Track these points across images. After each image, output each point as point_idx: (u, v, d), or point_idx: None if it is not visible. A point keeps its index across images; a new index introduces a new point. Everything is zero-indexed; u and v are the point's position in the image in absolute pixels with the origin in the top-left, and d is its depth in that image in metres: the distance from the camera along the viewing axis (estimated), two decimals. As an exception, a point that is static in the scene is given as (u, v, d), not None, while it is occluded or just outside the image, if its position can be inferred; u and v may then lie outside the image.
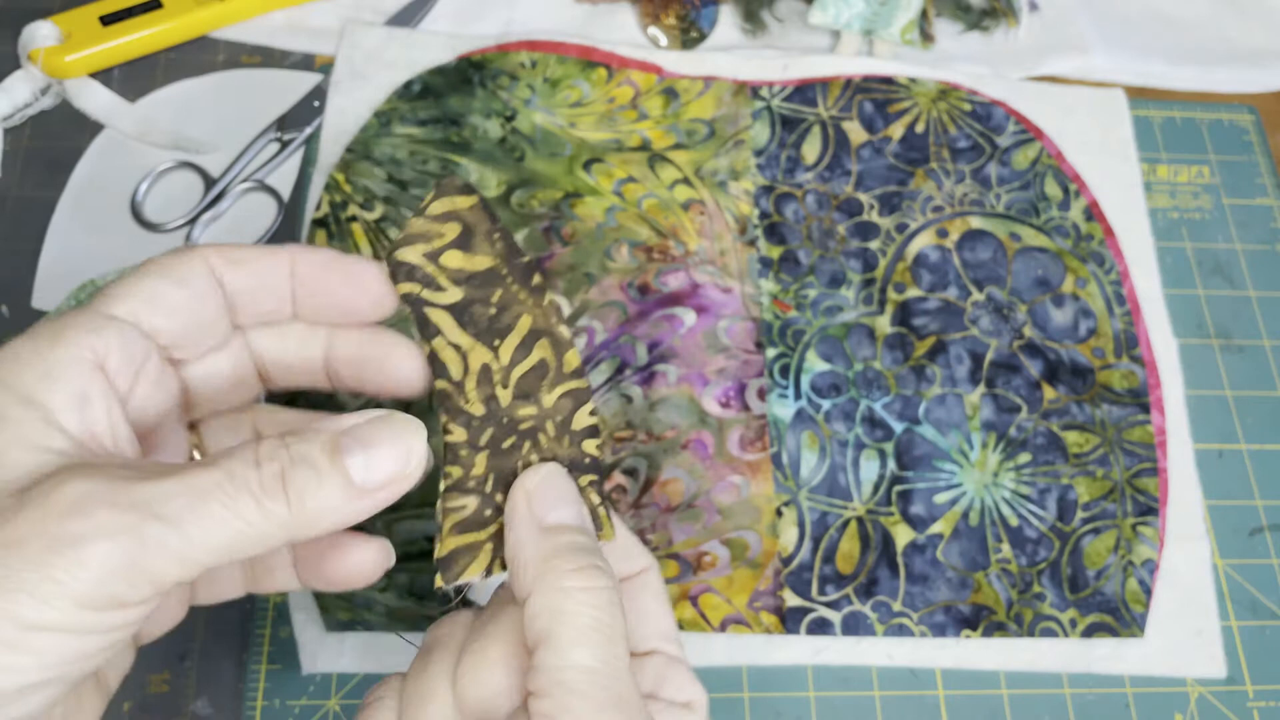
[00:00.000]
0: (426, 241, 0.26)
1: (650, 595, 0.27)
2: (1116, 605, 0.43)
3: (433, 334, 0.26)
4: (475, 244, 0.26)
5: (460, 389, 0.26)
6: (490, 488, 0.26)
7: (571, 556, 0.24)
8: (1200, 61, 0.56)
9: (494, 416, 0.26)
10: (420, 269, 0.26)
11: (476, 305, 0.26)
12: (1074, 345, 0.47)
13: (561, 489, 0.26)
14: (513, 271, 0.27)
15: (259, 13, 0.52)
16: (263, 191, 0.48)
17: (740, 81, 0.52)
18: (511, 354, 0.27)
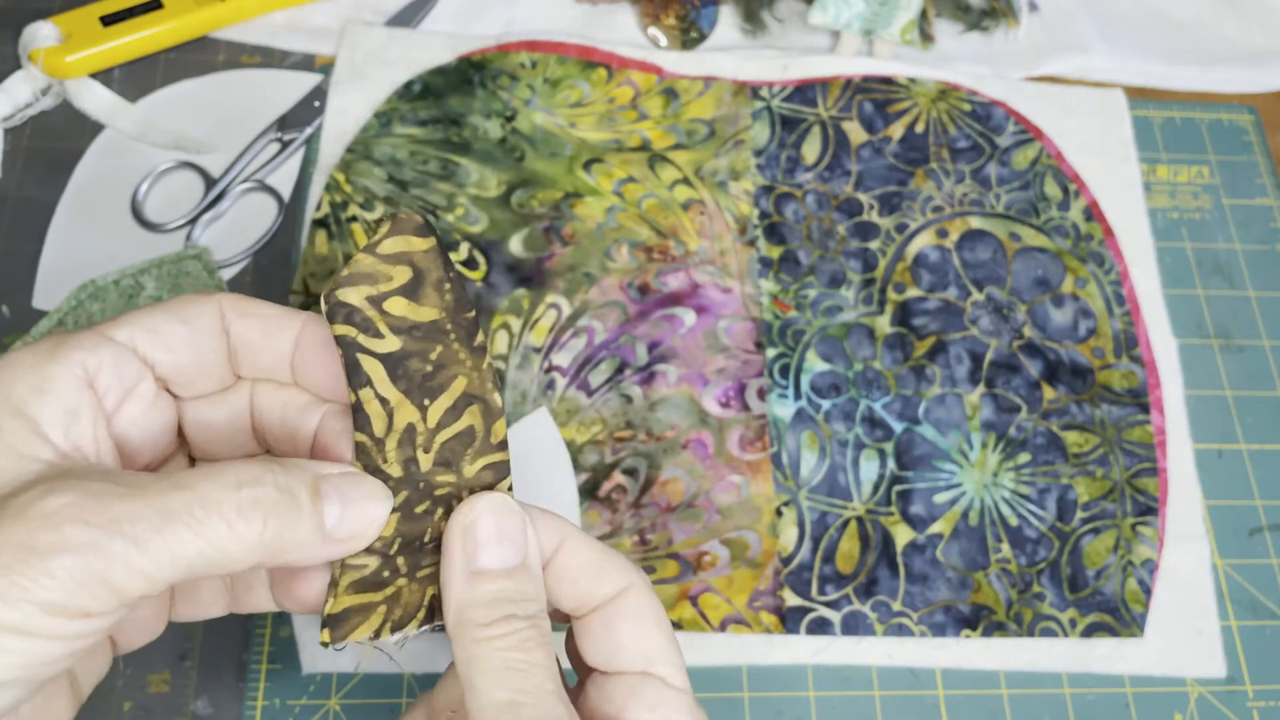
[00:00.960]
0: (372, 284, 0.24)
1: (625, 618, 0.26)
2: (1116, 605, 0.43)
3: (362, 383, 0.24)
4: (423, 293, 0.24)
5: (380, 447, 0.24)
6: (394, 550, 0.25)
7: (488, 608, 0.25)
8: (1200, 62, 0.56)
9: (411, 480, 0.25)
10: (360, 312, 0.24)
11: (414, 359, 0.24)
12: (1074, 345, 0.47)
13: (502, 525, 0.25)
14: (457, 328, 0.25)
15: (259, 13, 0.52)
16: (263, 191, 0.48)
17: (740, 82, 0.52)
18: (440, 416, 0.25)
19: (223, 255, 0.46)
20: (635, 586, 0.27)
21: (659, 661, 0.26)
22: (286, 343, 0.26)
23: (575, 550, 0.27)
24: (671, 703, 0.26)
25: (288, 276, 0.46)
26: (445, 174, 0.48)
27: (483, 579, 0.25)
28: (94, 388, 0.24)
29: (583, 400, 0.44)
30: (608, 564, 0.27)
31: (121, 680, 0.39)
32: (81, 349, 0.24)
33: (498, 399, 0.26)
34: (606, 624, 0.27)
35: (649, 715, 0.26)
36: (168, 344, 0.25)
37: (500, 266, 0.47)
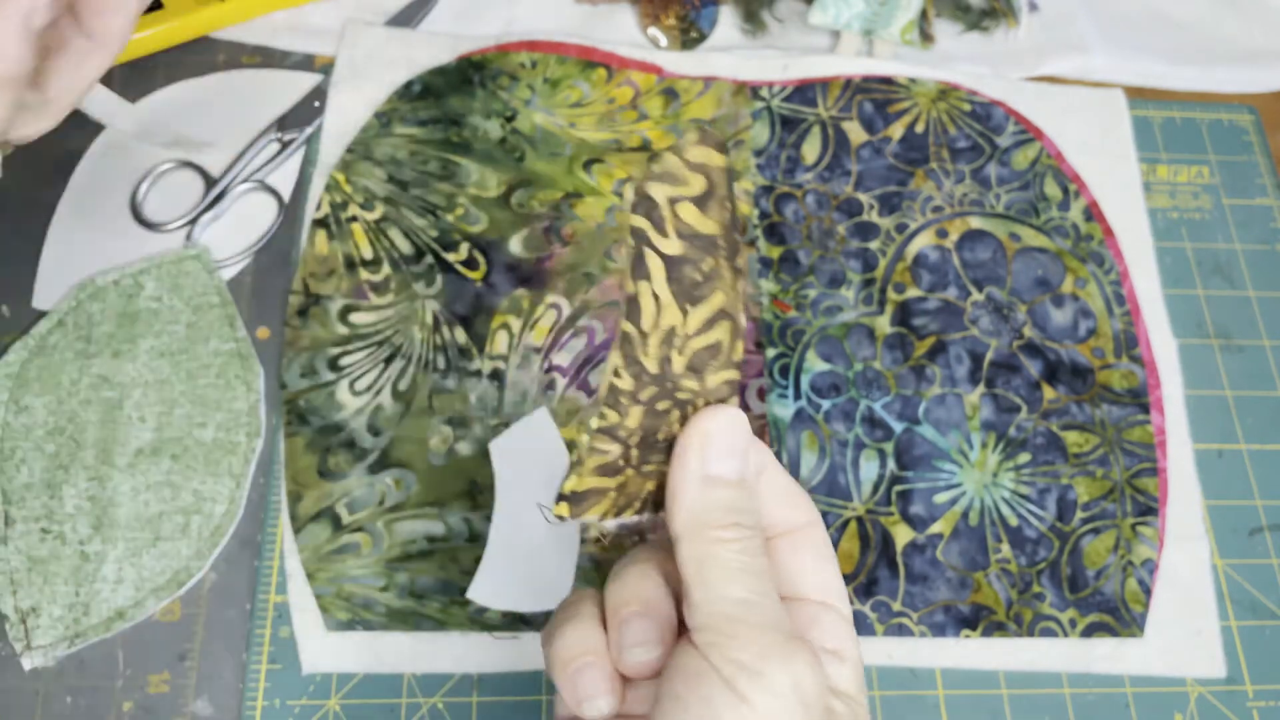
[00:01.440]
0: (674, 185, 0.25)
1: (808, 551, 0.28)
2: (1116, 605, 0.43)
3: (642, 275, 0.25)
4: (710, 205, 0.26)
5: (644, 340, 0.26)
6: (634, 441, 0.27)
7: (722, 514, 0.26)
8: (1200, 62, 0.56)
9: (662, 378, 0.26)
10: (659, 209, 0.25)
11: (689, 265, 0.26)
12: (1074, 345, 0.47)
13: (734, 439, 0.27)
14: (728, 245, 0.26)
15: (259, 13, 0.52)
16: (263, 191, 0.48)
17: (740, 82, 0.52)
18: (698, 325, 0.26)
19: (222, 255, 0.46)
20: (819, 522, 0.29)
21: (836, 595, 0.28)
22: None
23: (776, 477, 0.29)
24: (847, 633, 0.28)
25: (288, 276, 0.46)
26: (445, 174, 0.48)
27: (715, 485, 0.26)
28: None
29: (583, 400, 0.44)
30: (800, 498, 0.29)
31: (121, 680, 0.39)
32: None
33: (744, 319, 0.27)
34: (794, 550, 0.28)
35: (830, 640, 0.27)
36: None
37: (500, 266, 0.47)
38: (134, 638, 0.40)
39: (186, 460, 0.42)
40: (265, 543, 0.42)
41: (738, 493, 0.27)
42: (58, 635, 0.39)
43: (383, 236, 0.47)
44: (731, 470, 0.27)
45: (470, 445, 0.43)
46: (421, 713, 0.40)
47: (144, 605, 0.40)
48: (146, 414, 0.42)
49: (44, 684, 0.39)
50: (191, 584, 0.41)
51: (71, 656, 0.39)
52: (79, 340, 0.43)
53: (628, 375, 0.26)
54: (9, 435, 0.42)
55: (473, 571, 0.41)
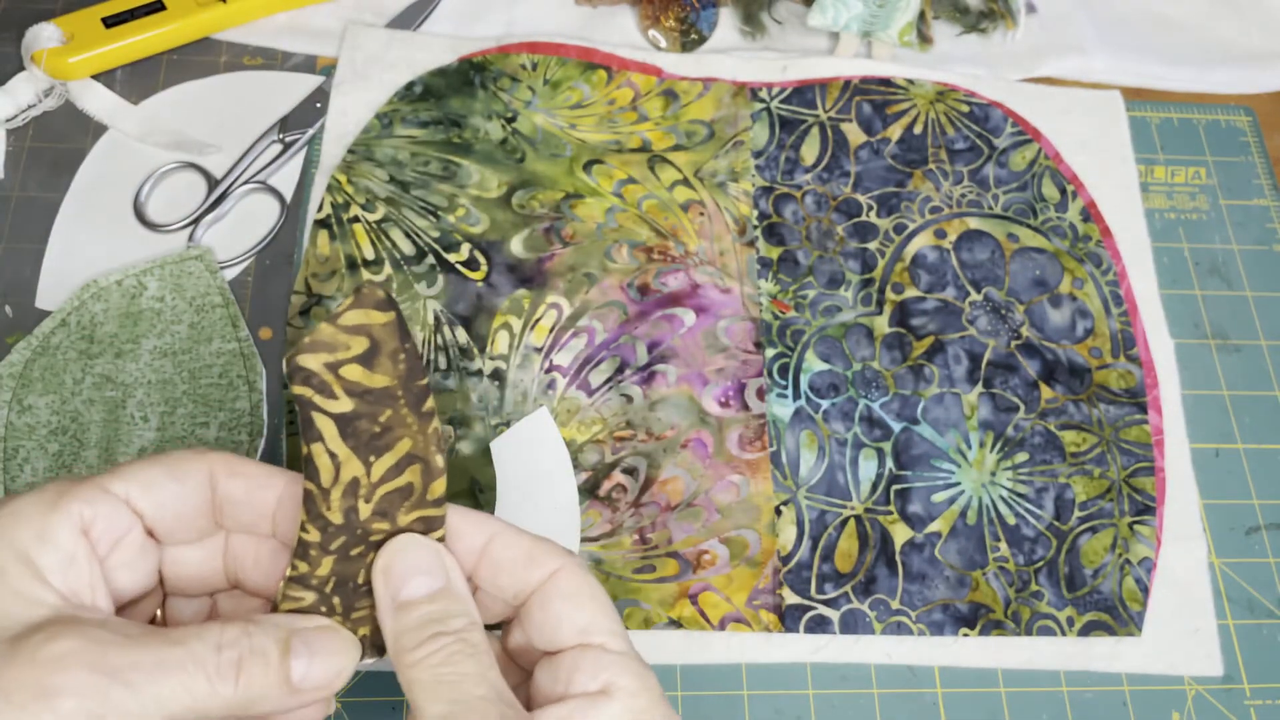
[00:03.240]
0: (330, 352, 0.26)
1: (558, 596, 0.28)
2: (1114, 604, 0.43)
3: (314, 438, 0.26)
4: (378, 362, 0.26)
5: (326, 496, 0.27)
6: (329, 589, 0.28)
7: (415, 632, 0.27)
8: (1197, 62, 0.56)
9: (350, 527, 0.27)
10: (318, 376, 0.26)
11: (363, 420, 0.26)
12: (1071, 345, 0.48)
13: (412, 560, 0.27)
14: (407, 394, 0.27)
15: (261, 15, 0.52)
16: (265, 192, 0.48)
17: (739, 83, 0.52)
18: (383, 472, 0.27)
19: (225, 256, 0.47)
20: (566, 567, 0.28)
21: (595, 631, 0.28)
22: (269, 501, 0.28)
23: (505, 543, 0.29)
24: (612, 666, 0.27)
25: (290, 277, 0.46)
26: (446, 175, 0.49)
27: (408, 608, 0.27)
28: (89, 536, 0.26)
29: (583, 400, 0.45)
30: (539, 551, 0.29)
31: None
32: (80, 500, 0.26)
33: (439, 461, 0.28)
34: (543, 604, 0.28)
35: (593, 682, 0.27)
36: (159, 499, 0.28)
37: (501, 267, 0.47)
38: None
39: (189, 459, 0.42)
40: (267, 541, 0.42)
41: (434, 605, 0.27)
42: (61, 633, 0.39)
43: (384, 237, 0.47)
44: (421, 588, 0.27)
45: (471, 445, 0.43)
46: (422, 710, 0.40)
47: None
48: (149, 414, 0.43)
49: (47, 682, 0.39)
50: (194, 582, 0.41)
51: None
52: (82, 340, 0.44)
53: (314, 528, 0.27)
54: (12, 435, 0.42)
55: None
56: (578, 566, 0.29)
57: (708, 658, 0.41)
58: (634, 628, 0.41)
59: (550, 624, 0.28)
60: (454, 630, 0.27)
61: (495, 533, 0.29)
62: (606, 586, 0.41)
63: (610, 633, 0.28)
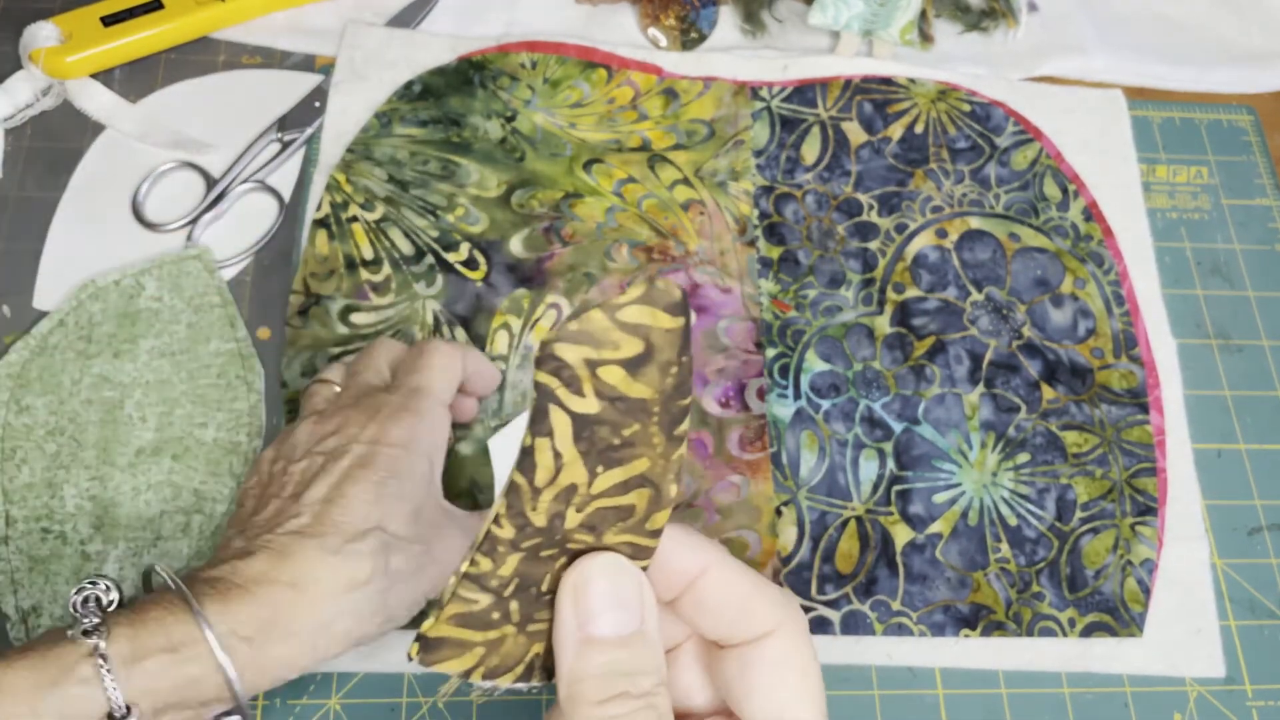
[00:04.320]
0: (595, 348, 0.22)
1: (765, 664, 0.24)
2: (1115, 605, 0.43)
3: (543, 432, 0.22)
4: (645, 371, 0.22)
5: (535, 495, 0.23)
6: (509, 592, 0.24)
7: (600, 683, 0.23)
8: (1199, 62, 0.56)
9: (550, 532, 0.23)
10: (571, 370, 0.22)
11: (605, 428, 0.22)
12: (1073, 345, 0.47)
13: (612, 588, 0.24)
14: (664, 413, 0.23)
15: (260, 14, 0.52)
16: (264, 192, 0.48)
17: (740, 82, 0.52)
18: (607, 487, 0.23)
19: (223, 255, 0.46)
20: (784, 629, 0.25)
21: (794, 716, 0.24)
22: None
23: (720, 579, 0.25)
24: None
25: (288, 276, 0.46)
26: (445, 174, 0.48)
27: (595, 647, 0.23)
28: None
29: (583, 400, 0.44)
30: (756, 599, 0.25)
31: None
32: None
33: (673, 490, 0.24)
34: (742, 667, 0.25)
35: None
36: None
37: (500, 266, 0.47)
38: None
39: (187, 460, 0.42)
40: (266, 542, 0.42)
41: (625, 652, 0.23)
42: (59, 635, 0.39)
43: (383, 236, 0.47)
44: (615, 626, 0.23)
45: (471, 445, 0.43)
46: (421, 713, 0.40)
47: (145, 605, 0.40)
48: (147, 414, 0.42)
49: (45, 683, 0.39)
50: (192, 583, 0.41)
51: None
52: (80, 340, 0.44)
53: (510, 525, 0.23)
54: (10, 435, 0.42)
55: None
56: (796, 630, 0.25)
57: (708, 659, 0.41)
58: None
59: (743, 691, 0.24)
60: (642, 692, 0.23)
61: (712, 565, 0.25)
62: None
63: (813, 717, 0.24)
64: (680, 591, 0.25)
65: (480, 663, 0.24)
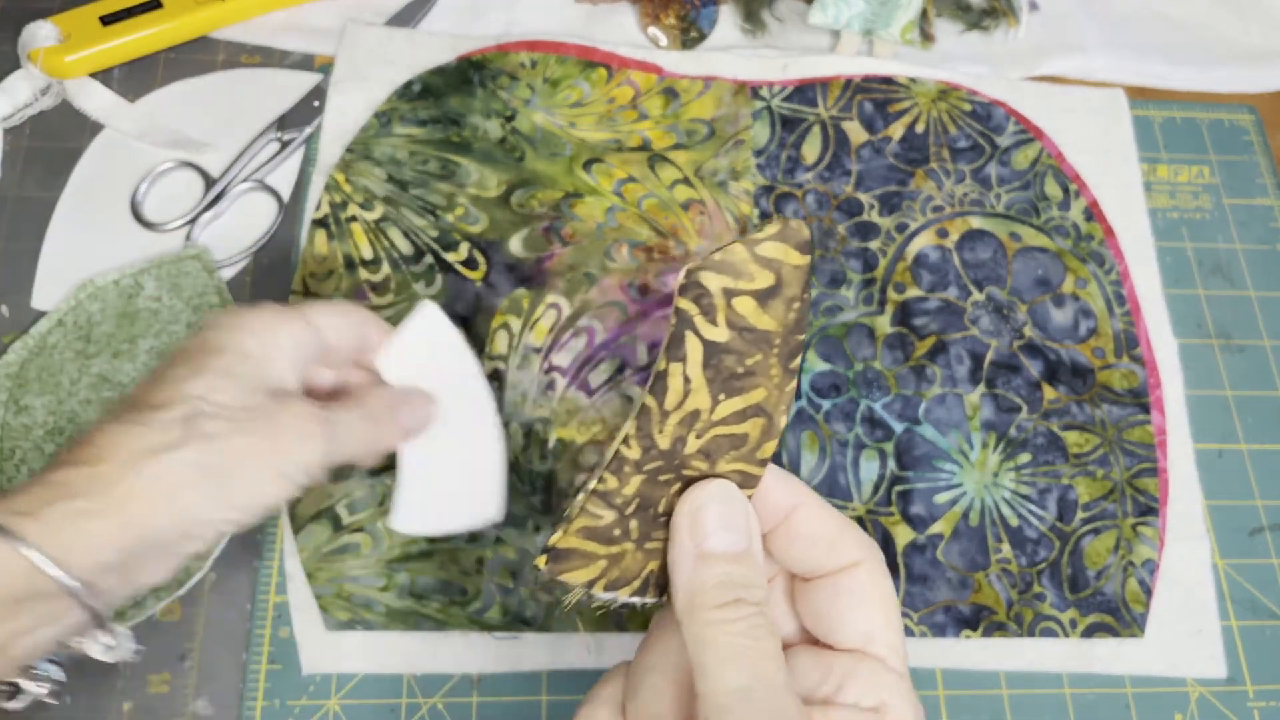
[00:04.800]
0: (735, 278, 0.24)
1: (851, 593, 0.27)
2: (1116, 605, 0.43)
3: (677, 357, 0.25)
4: (772, 304, 0.25)
5: (664, 418, 0.25)
6: (630, 510, 0.26)
7: (717, 591, 0.25)
8: (1200, 61, 0.56)
9: (671, 455, 0.26)
10: (710, 298, 0.24)
11: (731, 356, 0.25)
12: (1074, 345, 0.47)
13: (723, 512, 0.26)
14: (784, 345, 0.25)
15: (259, 13, 0.52)
16: (263, 191, 0.48)
17: (740, 81, 0.52)
18: (726, 415, 0.26)
19: (222, 255, 0.46)
20: (868, 562, 0.27)
21: (879, 641, 0.26)
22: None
23: (811, 516, 0.27)
24: (890, 686, 0.26)
25: (287, 276, 0.46)
26: (445, 174, 0.48)
27: (710, 562, 0.26)
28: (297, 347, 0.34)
29: (583, 400, 0.44)
30: (844, 535, 0.27)
31: (121, 681, 0.39)
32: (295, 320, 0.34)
33: (783, 421, 0.26)
34: (832, 596, 0.27)
35: (869, 698, 0.26)
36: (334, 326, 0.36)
37: (500, 266, 0.47)
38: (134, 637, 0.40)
39: (186, 460, 0.42)
40: (265, 543, 0.42)
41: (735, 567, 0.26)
42: (57, 635, 0.39)
43: (382, 236, 0.47)
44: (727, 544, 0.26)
45: (470, 445, 0.43)
46: (421, 713, 0.40)
47: (144, 605, 0.40)
48: (146, 414, 0.42)
49: (44, 684, 0.39)
50: (191, 584, 0.41)
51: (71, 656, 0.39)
52: (78, 340, 0.43)
53: (637, 446, 0.25)
54: (8, 435, 0.42)
55: (473, 572, 0.41)
56: (879, 564, 0.27)
57: (708, 660, 0.41)
58: (635, 629, 0.41)
59: (833, 618, 0.27)
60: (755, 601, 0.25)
61: (803, 502, 0.27)
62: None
63: (892, 648, 0.26)
64: (777, 524, 0.27)
65: (602, 575, 0.26)
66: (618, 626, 0.41)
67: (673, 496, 0.26)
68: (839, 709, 0.26)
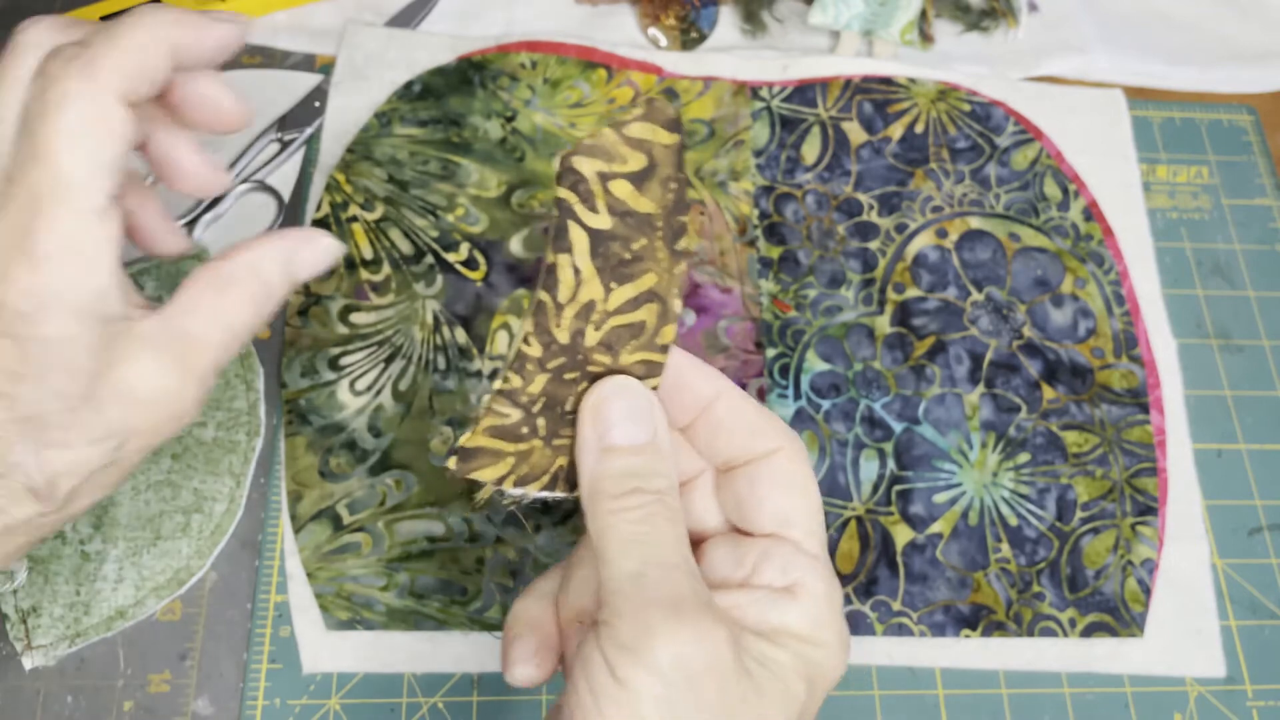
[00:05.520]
0: (607, 160, 0.25)
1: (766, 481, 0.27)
2: (1116, 605, 0.43)
3: (564, 248, 0.25)
4: (649, 185, 0.25)
5: (559, 311, 0.26)
6: (538, 409, 0.26)
7: (616, 481, 0.26)
8: (1199, 62, 0.56)
9: (572, 350, 0.26)
10: (586, 184, 0.25)
11: (617, 242, 0.25)
12: (1073, 345, 0.47)
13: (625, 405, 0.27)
14: (667, 227, 0.26)
15: (260, 13, 0.52)
16: (263, 192, 0.48)
17: (740, 82, 0.52)
18: (621, 303, 0.26)
19: (223, 255, 0.46)
20: (788, 449, 0.27)
21: (795, 525, 0.27)
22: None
23: (731, 405, 0.28)
24: (804, 566, 0.26)
25: (288, 276, 0.46)
26: (445, 174, 0.48)
27: (612, 454, 0.26)
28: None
29: (583, 400, 0.44)
30: (764, 423, 0.27)
31: (122, 680, 0.39)
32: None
33: (678, 305, 0.27)
34: (750, 482, 0.27)
35: (781, 578, 0.26)
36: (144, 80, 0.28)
37: (500, 266, 0.47)
38: (135, 637, 0.40)
39: (187, 459, 0.42)
40: (266, 542, 0.42)
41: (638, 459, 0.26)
42: (58, 635, 0.39)
43: (383, 236, 0.47)
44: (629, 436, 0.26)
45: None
46: (421, 713, 0.40)
47: (144, 604, 0.40)
48: (147, 414, 0.42)
49: (45, 683, 0.39)
50: (192, 583, 0.41)
51: (72, 656, 0.39)
52: (79, 340, 0.43)
53: (537, 343, 0.26)
54: (9, 435, 0.42)
55: (473, 572, 0.41)
56: (798, 451, 0.27)
57: (708, 659, 0.41)
58: (634, 629, 0.41)
59: (751, 504, 0.27)
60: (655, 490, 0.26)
61: (724, 392, 0.28)
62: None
63: (809, 532, 0.27)
64: (697, 414, 0.28)
65: (511, 471, 0.27)
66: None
67: (579, 395, 0.27)
68: (752, 590, 0.26)
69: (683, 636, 0.23)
